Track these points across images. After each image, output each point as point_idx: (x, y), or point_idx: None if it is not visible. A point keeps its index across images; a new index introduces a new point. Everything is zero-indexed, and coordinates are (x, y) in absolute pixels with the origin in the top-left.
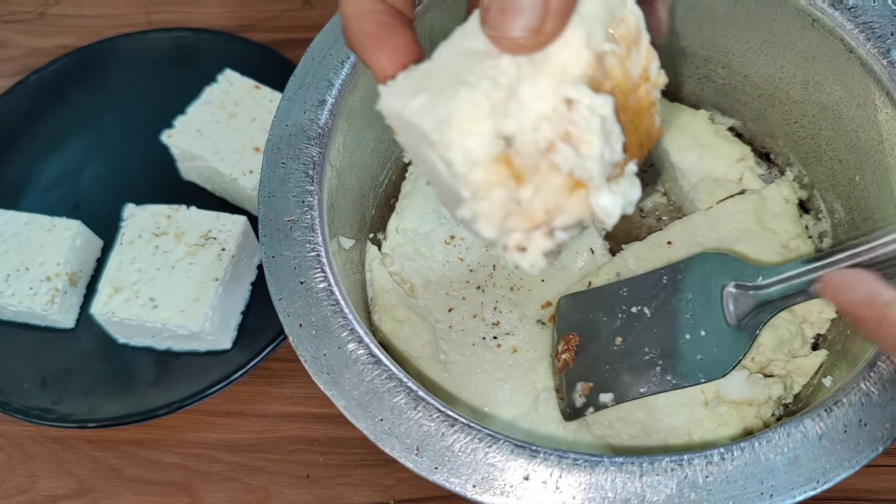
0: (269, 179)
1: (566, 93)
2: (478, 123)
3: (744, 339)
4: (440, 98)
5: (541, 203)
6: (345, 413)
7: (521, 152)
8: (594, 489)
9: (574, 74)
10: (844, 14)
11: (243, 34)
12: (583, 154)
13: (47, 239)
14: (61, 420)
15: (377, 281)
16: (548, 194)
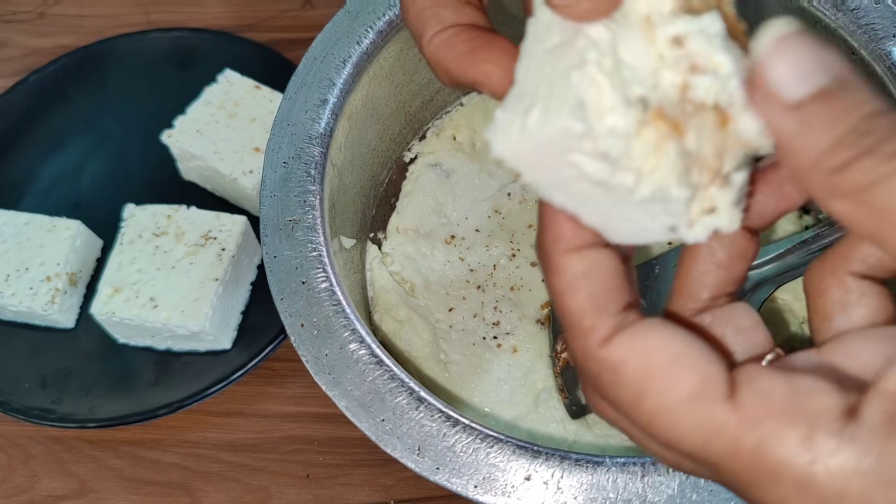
0: (270, 179)
1: (668, 34)
2: (607, 98)
3: None
4: (555, 99)
5: (708, 147)
6: (346, 413)
7: (663, 107)
8: (596, 489)
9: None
10: (847, 16)
11: (243, 34)
12: (720, 75)
13: (47, 239)
14: (61, 420)
15: (377, 280)
16: (707, 135)
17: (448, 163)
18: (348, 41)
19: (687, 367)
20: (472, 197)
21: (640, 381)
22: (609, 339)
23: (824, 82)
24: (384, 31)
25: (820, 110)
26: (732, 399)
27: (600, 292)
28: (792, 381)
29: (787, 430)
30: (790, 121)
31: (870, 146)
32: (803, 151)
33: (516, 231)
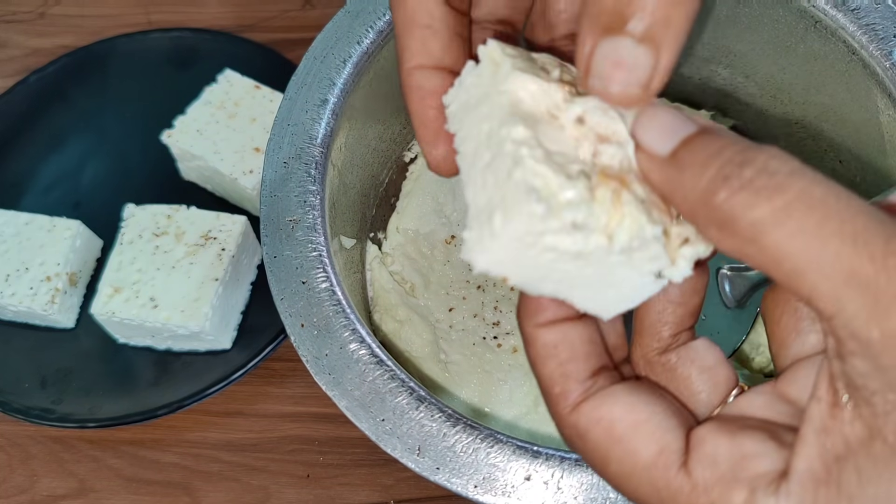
0: (270, 179)
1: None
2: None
3: (744, 320)
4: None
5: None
6: (346, 413)
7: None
8: (596, 489)
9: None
10: (847, 16)
11: (243, 34)
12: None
13: (47, 239)
14: (61, 420)
15: (377, 280)
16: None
17: None
18: (348, 41)
19: (645, 436)
20: None
21: (603, 448)
22: (577, 406)
23: (689, 132)
24: (384, 31)
25: (691, 154)
26: (685, 466)
27: (568, 361)
28: (737, 444)
29: (731, 496)
30: (668, 170)
31: (745, 180)
32: (686, 193)
33: None
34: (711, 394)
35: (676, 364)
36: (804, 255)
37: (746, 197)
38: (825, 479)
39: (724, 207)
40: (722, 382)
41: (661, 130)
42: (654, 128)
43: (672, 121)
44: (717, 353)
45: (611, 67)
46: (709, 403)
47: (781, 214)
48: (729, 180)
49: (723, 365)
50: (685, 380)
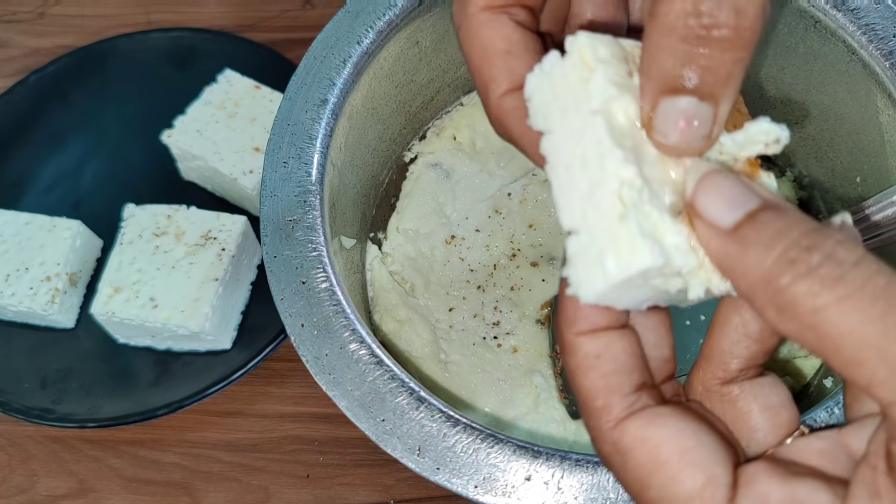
0: (270, 178)
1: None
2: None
3: None
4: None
5: None
6: (347, 413)
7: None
8: (596, 489)
9: None
10: (847, 16)
11: (243, 34)
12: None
13: (47, 239)
14: (61, 420)
15: (378, 280)
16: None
17: (448, 163)
18: (348, 41)
19: (692, 464)
20: (472, 197)
21: (645, 471)
22: (620, 422)
23: (754, 206)
24: (384, 31)
25: (756, 231)
26: (732, 502)
27: (612, 373)
28: (790, 489)
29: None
30: (729, 245)
31: (812, 266)
32: (746, 271)
33: (516, 231)
34: (769, 433)
35: (738, 397)
36: (864, 345)
37: (811, 284)
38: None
39: (787, 292)
40: (783, 424)
41: (724, 201)
42: (717, 197)
43: (736, 191)
44: (783, 393)
45: (673, 124)
46: (765, 443)
47: (844, 305)
48: (795, 264)
49: (787, 406)
50: (745, 415)
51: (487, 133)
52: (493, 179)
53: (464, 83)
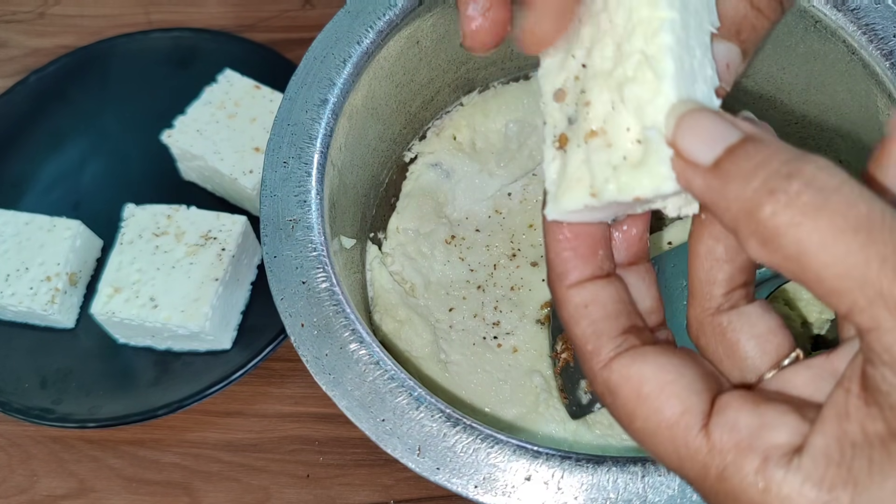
0: (270, 178)
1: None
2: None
3: None
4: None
5: None
6: (347, 413)
7: None
8: (596, 490)
9: None
10: (847, 16)
11: (243, 34)
12: None
13: (47, 239)
14: (61, 420)
15: (377, 280)
16: None
17: (448, 163)
18: (348, 41)
19: (670, 395)
20: (472, 197)
21: (631, 405)
22: (608, 363)
23: (734, 139)
24: (384, 31)
25: (735, 164)
26: (705, 428)
27: (600, 319)
28: (758, 414)
29: (744, 461)
30: (710, 180)
31: (791, 194)
32: (729, 205)
33: (516, 231)
34: (759, 360)
35: (727, 328)
36: (845, 274)
37: (792, 214)
38: (838, 460)
39: (769, 223)
40: (772, 350)
41: (703, 137)
42: (697, 134)
43: (715, 127)
44: (771, 320)
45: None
46: (755, 369)
47: (825, 234)
48: (775, 194)
49: (776, 332)
50: (734, 344)
51: (487, 133)
52: (493, 179)
53: (464, 83)
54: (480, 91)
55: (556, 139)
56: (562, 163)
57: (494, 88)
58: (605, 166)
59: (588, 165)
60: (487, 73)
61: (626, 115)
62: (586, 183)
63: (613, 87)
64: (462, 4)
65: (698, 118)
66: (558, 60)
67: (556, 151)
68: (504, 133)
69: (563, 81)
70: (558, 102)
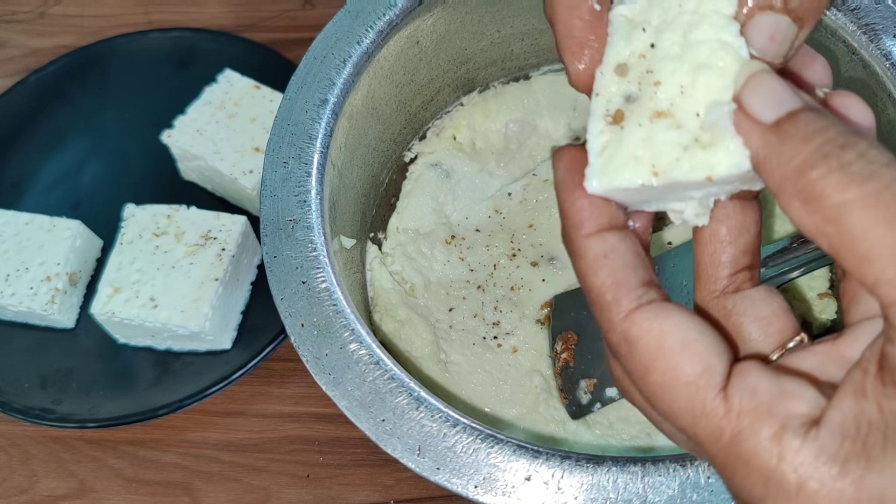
0: (270, 178)
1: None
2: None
3: None
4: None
5: None
6: (347, 413)
7: None
8: (596, 490)
9: None
10: (847, 15)
11: (243, 34)
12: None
13: (47, 239)
14: (61, 420)
15: (378, 280)
16: None
17: (448, 163)
18: (348, 41)
19: (692, 353)
20: (472, 197)
21: (650, 357)
22: (630, 314)
23: (796, 105)
24: (384, 31)
25: (795, 126)
26: (724, 390)
27: (620, 269)
28: (778, 383)
29: (761, 427)
30: (769, 137)
31: (844, 162)
32: (781, 162)
33: (516, 231)
34: (761, 343)
35: (731, 311)
36: (880, 242)
37: (840, 178)
38: (853, 434)
39: (817, 184)
40: (775, 333)
41: (769, 98)
42: (763, 95)
43: (781, 91)
44: (774, 304)
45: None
46: (759, 352)
47: (870, 200)
48: (828, 159)
49: (780, 316)
50: (737, 327)
51: (487, 133)
52: (493, 179)
53: (464, 83)
54: (480, 91)
55: (611, 114)
56: (613, 138)
57: (494, 88)
58: (674, 146)
59: (651, 144)
60: (487, 73)
61: (695, 100)
62: (647, 161)
63: (685, 72)
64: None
65: (767, 79)
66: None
67: (606, 126)
68: (504, 133)
69: (628, 56)
70: (620, 77)
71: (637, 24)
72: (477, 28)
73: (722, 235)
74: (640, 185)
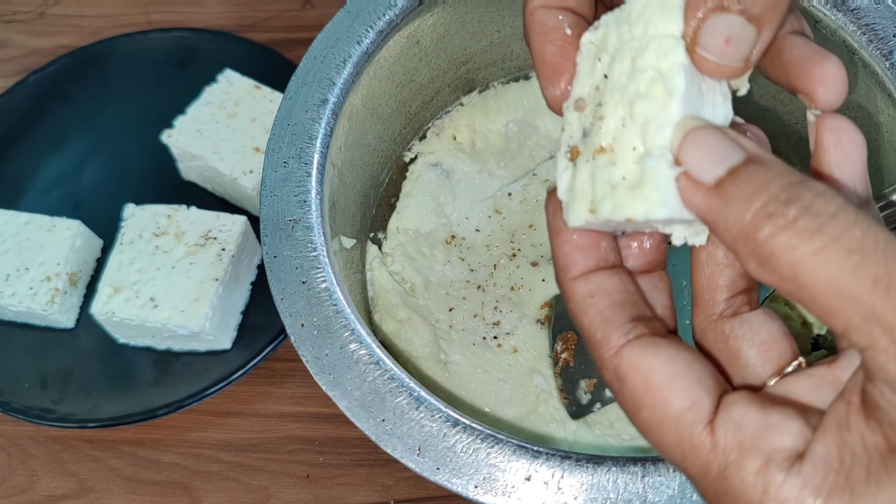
0: (270, 178)
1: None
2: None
3: None
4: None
5: None
6: (347, 413)
7: None
8: (596, 490)
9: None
10: (847, 16)
11: (243, 34)
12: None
13: (47, 239)
14: (61, 420)
15: (378, 280)
16: None
17: (448, 163)
18: (348, 41)
19: (679, 388)
20: (472, 197)
21: (638, 394)
22: (619, 350)
23: (738, 160)
24: (384, 31)
25: (736, 186)
26: (711, 425)
27: (606, 307)
28: (765, 416)
29: (746, 462)
30: (711, 199)
31: (789, 219)
32: (728, 226)
33: (516, 231)
34: (760, 368)
35: (729, 335)
36: (839, 294)
37: (789, 237)
38: (837, 468)
39: (766, 245)
40: (774, 358)
41: (707, 156)
42: (701, 152)
43: (719, 146)
44: (773, 328)
45: (718, 40)
46: (757, 377)
47: (820, 257)
48: (773, 218)
49: (778, 341)
50: (735, 352)
51: (487, 133)
52: (493, 179)
53: (464, 83)
54: (480, 91)
55: (569, 150)
56: (573, 175)
57: (494, 88)
58: (605, 184)
59: (592, 182)
60: (487, 73)
61: (633, 133)
62: (587, 199)
63: (626, 103)
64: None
65: (703, 135)
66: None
67: (567, 162)
68: (504, 133)
69: (588, 89)
70: (577, 112)
71: (599, 51)
72: (477, 28)
73: (719, 258)
74: (586, 223)
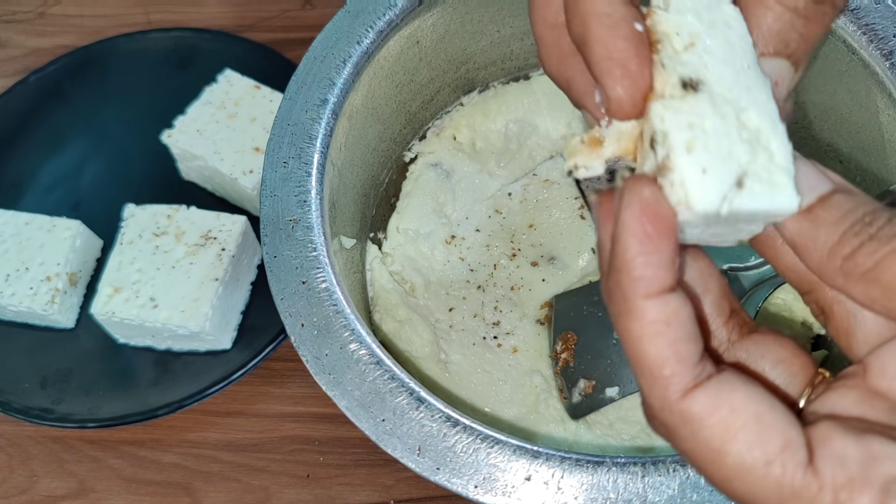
0: (270, 178)
1: None
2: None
3: None
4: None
5: None
6: (347, 413)
7: None
8: (596, 490)
9: None
10: (847, 16)
11: (243, 34)
12: None
13: (47, 239)
14: (61, 420)
15: (378, 280)
16: None
17: (448, 163)
18: (348, 41)
19: (769, 429)
20: (472, 197)
21: (720, 439)
22: (689, 392)
23: (826, 189)
24: (384, 31)
25: (826, 211)
26: (812, 465)
27: (681, 341)
28: (864, 445)
29: (861, 497)
30: (802, 223)
31: (872, 233)
32: (817, 247)
33: (516, 231)
34: (790, 385)
35: (748, 360)
36: None
37: (871, 245)
38: None
39: (851, 259)
40: (799, 372)
41: (800, 184)
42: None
43: (811, 176)
44: (787, 343)
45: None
46: (787, 397)
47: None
48: (859, 235)
49: (797, 354)
50: (759, 376)
51: (487, 133)
52: (493, 179)
53: (464, 83)
54: (480, 91)
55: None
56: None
57: (494, 88)
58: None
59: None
60: (487, 73)
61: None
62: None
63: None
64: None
65: (798, 166)
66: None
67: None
68: (504, 133)
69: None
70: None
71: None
72: (477, 28)
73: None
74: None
